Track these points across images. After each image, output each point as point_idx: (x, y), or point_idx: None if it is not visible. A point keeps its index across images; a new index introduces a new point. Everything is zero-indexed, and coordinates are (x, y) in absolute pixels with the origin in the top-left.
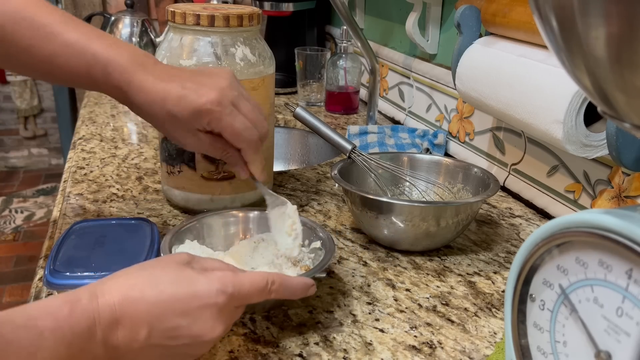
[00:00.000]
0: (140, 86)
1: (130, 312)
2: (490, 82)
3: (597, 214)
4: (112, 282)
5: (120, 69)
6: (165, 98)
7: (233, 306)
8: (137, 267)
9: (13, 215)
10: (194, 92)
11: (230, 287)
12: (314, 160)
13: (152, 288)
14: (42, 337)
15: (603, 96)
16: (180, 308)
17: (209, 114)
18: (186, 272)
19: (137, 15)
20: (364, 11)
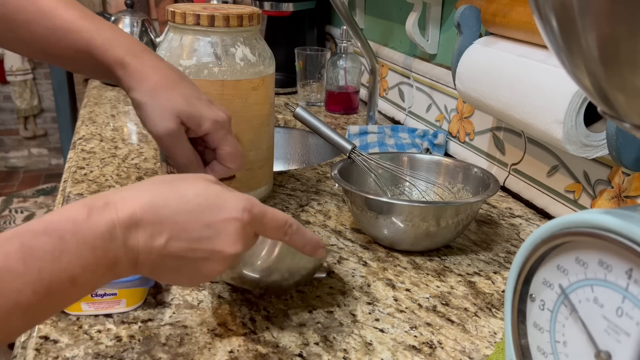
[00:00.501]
0: (145, 63)
1: (152, 218)
2: (490, 82)
3: (597, 214)
4: (133, 190)
5: (125, 45)
6: (173, 85)
7: (253, 229)
8: (161, 179)
9: (13, 215)
10: (206, 102)
11: (256, 209)
12: (314, 160)
13: (178, 197)
14: (64, 240)
15: (603, 96)
16: (205, 219)
17: (216, 125)
18: (214, 186)
19: (137, 15)
20: (364, 11)
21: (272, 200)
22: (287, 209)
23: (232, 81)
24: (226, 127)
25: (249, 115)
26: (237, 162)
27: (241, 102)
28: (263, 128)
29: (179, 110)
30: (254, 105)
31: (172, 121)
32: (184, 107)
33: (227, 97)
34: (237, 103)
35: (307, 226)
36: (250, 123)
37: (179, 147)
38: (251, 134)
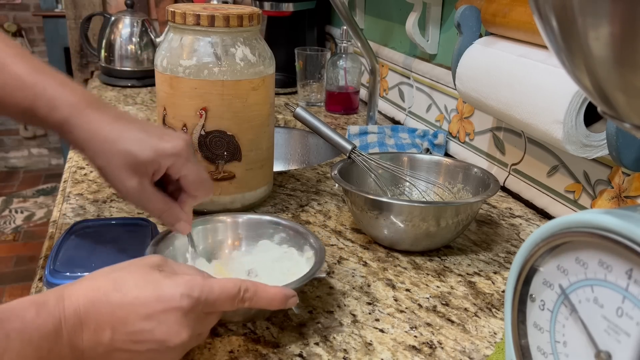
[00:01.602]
0: (90, 122)
1: (94, 315)
2: (491, 82)
3: (597, 214)
4: (78, 285)
5: (68, 104)
6: (122, 136)
7: (201, 312)
8: (105, 270)
9: (13, 215)
10: (157, 137)
11: (197, 292)
12: (314, 160)
13: (116, 291)
14: (9, 339)
15: (603, 96)
16: (144, 311)
17: (174, 157)
18: (153, 275)
19: (137, 16)
20: (364, 11)
21: (272, 200)
22: (287, 209)
23: (232, 81)
24: (184, 155)
25: (249, 115)
26: (202, 188)
27: (241, 102)
28: (263, 128)
29: (133, 163)
30: (254, 105)
31: (131, 179)
32: (138, 157)
33: (227, 97)
34: (237, 103)
35: (307, 226)
36: (250, 123)
37: (149, 202)
38: (251, 134)
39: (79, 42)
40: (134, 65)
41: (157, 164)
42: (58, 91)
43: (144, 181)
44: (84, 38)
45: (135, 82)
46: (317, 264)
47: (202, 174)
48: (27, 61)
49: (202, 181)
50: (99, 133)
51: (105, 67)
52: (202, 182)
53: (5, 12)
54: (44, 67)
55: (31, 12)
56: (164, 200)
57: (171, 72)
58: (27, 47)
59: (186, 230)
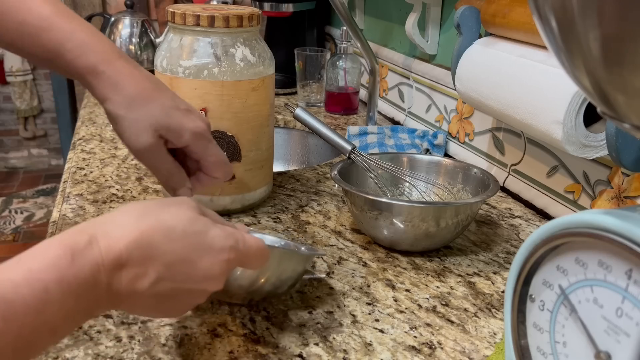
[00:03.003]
0: (121, 72)
1: (138, 258)
2: (490, 83)
3: (596, 215)
4: (114, 225)
5: (98, 51)
6: (151, 97)
7: (238, 264)
8: (142, 209)
9: (13, 215)
10: (184, 112)
11: (241, 245)
12: (314, 160)
13: (164, 236)
14: (48, 291)
15: (603, 97)
16: (192, 258)
17: (196, 136)
18: (200, 221)
19: (137, 16)
20: (363, 12)
21: (271, 201)
22: (287, 209)
23: (232, 82)
24: (206, 137)
25: (249, 115)
26: (222, 170)
27: (241, 103)
28: (263, 129)
29: (156, 124)
30: (254, 105)
31: (149, 136)
32: (162, 120)
33: (226, 98)
34: (236, 104)
35: (307, 226)
36: (250, 124)
37: (159, 161)
38: (251, 135)
39: None
40: None
41: (178, 137)
42: (88, 37)
43: (160, 142)
44: None
45: None
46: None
47: (223, 156)
48: (55, 4)
49: (222, 163)
50: (129, 85)
51: None
52: (224, 164)
53: None
54: (73, 14)
55: None
56: (175, 165)
57: (171, 72)
58: None
59: (189, 193)
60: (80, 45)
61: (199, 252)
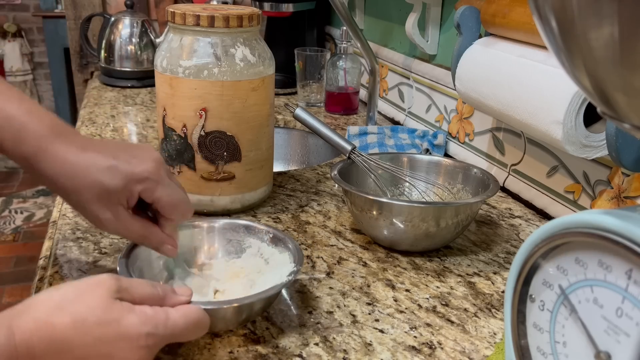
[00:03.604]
0: (57, 155)
1: (51, 354)
2: (490, 83)
3: (596, 215)
4: (29, 318)
5: (36, 136)
6: (89, 167)
7: (164, 344)
8: (58, 300)
9: (13, 215)
10: (126, 162)
11: (162, 329)
12: (314, 160)
13: (76, 330)
14: None
15: (603, 97)
16: (107, 350)
17: (145, 182)
18: (114, 308)
19: (136, 16)
20: (363, 12)
21: (271, 201)
22: (287, 209)
23: (231, 82)
24: (154, 179)
25: (249, 115)
26: (175, 211)
27: (241, 103)
28: (263, 129)
29: (104, 194)
30: (254, 105)
31: (104, 211)
32: (108, 187)
33: (226, 98)
34: (236, 104)
35: (307, 226)
36: (249, 124)
37: (125, 230)
38: (251, 135)
39: (79, 43)
40: (133, 65)
41: (129, 191)
42: (24, 121)
43: (118, 210)
44: (83, 38)
45: (135, 82)
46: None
47: (176, 195)
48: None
49: (175, 204)
50: (66, 167)
51: (105, 67)
52: (176, 204)
53: (5, 12)
54: (11, 92)
55: (31, 12)
56: (143, 226)
57: (171, 72)
58: (27, 47)
59: (172, 253)
60: (17, 133)
61: (112, 343)
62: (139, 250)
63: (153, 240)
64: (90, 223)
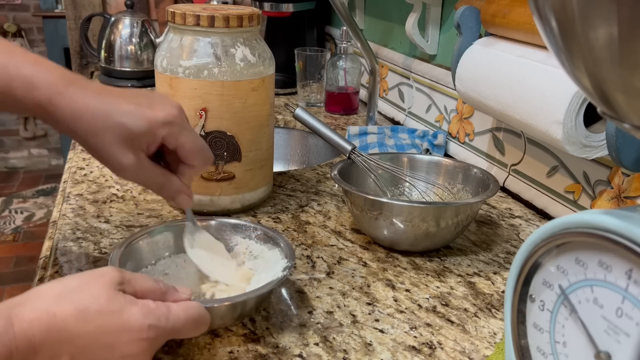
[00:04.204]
0: (74, 99)
1: (51, 343)
2: (490, 83)
3: (596, 215)
4: (29, 308)
5: (48, 83)
6: (110, 109)
7: (165, 340)
8: (59, 290)
9: (13, 215)
10: (148, 107)
11: (164, 321)
12: (314, 160)
13: (77, 319)
14: None
15: (603, 97)
16: (108, 341)
17: (169, 126)
18: (116, 299)
19: (137, 16)
20: (363, 12)
21: (271, 201)
22: (287, 209)
23: (232, 82)
24: (178, 123)
25: (249, 115)
26: (199, 157)
27: (241, 103)
28: (263, 129)
29: (127, 137)
30: (254, 105)
31: (126, 154)
32: (132, 129)
33: (226, 98)
34: (236, 104)
35: (307, 226)
36: (250, 124)
37: (145, 176)
38: (251, 135)
39: (79, 43)
40: (133, 65)
41: (152, 135)
42: (33, 70)
43: (139, 155)
44: (83, 38)
45: (135, 82)
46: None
47: (199, 141)
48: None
49: (200, 149)
50: (85, 109)
51: (105, 67)
52: (200, 150)
53: (5, 12)
54: (14, 47)
55: (31, 12)
56: (162, 174)
57: (171, 72)
58: (27, 47)
59: (187, 203)
60: (27, 80)
61: (114, 333)
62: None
63: (171, 188)
64: (109, 168)
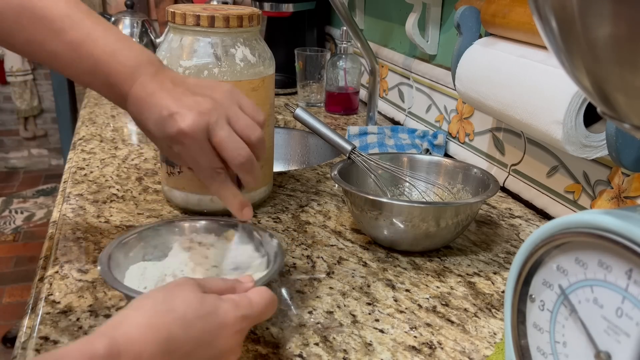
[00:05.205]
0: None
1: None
2: (490, 83)
3: (596, 215)
4: (130, 326)
5: (121, 80)
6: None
7: (250, 327)
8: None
9: (13, 215)
10: (170, 118)
11: (249, 310)
12: (314, 160)
13: (181, 326)
14: None
15: (603, 97)
16: (209, 340)
17: (179, 143)
18: (208, 301)
19: (137, 16)
20: (363, 12)
21: (271, 201)
22: (287, 209)
23: (232, 82)
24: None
25: None
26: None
27: None
28: (263, 129)
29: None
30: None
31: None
32: (157, 138)
33: None
34: None
35: (307, 226)
36: None
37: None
38: None
39: None
40: None
41: (169, 150)
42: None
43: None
44: None
45: None
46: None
47: (230, 139)
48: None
49: (232, 148)
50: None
51: None
52: (233, 149)
53: None
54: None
55: None
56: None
57: None
58: None
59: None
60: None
61: (214, 333)
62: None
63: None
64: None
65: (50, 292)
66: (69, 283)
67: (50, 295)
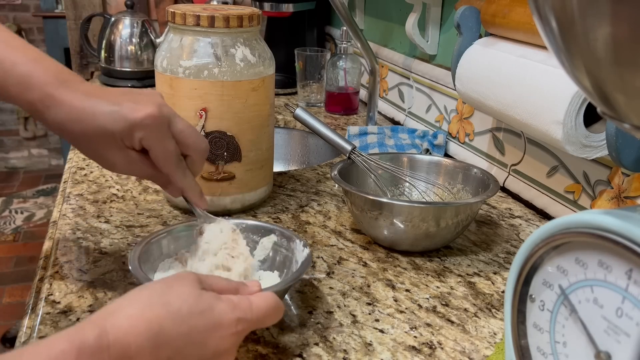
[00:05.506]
0: (63, 101)
1: (149, 349)
2: (490, 83)
3: (596, 215)
4: (122, 316)
5: (41, 83)
6: (94, 113)
7: (249, 331)
8: (147, 295)
9: (13, 215)
10: (128, 107)
11: (249, 314)
12: (314, 160)
13: (173, 321)
14: None
15: (603, 97)
16: (201, 339)
17: (145, 128)
18: (204, 298)
19: (137, 16)
20: (363, 12)
21: (272, 201)
22: (287, 209)
23: (232, 82)
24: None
25: (249, 115)
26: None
27: (241, 103)
28: (263, 129)
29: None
30: (254, 106)
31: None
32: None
33: (227, 98)
34: (237, 104)
35: (307, 226)
36: (250, 124)
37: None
38: (251, 135)
39: (79, 43)
40: (134, 65)
41: (131, 138)
42: (29, 68)
43: (126, 152)
44: (84, 39)
45: (135, 82)
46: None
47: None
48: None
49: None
50: (73, 113)
51: (105, 67)
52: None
53: (5, 12)
54: (14, 40)
55: (31, 12)
56: (152, 165)
57: (171, 72)
58: None
59: (175, 194)
60: (22, 79)
61: (207, 332)
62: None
63: (159, 179)
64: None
65: (50, 292)
66: (69, 283)
67: (50, 295)
